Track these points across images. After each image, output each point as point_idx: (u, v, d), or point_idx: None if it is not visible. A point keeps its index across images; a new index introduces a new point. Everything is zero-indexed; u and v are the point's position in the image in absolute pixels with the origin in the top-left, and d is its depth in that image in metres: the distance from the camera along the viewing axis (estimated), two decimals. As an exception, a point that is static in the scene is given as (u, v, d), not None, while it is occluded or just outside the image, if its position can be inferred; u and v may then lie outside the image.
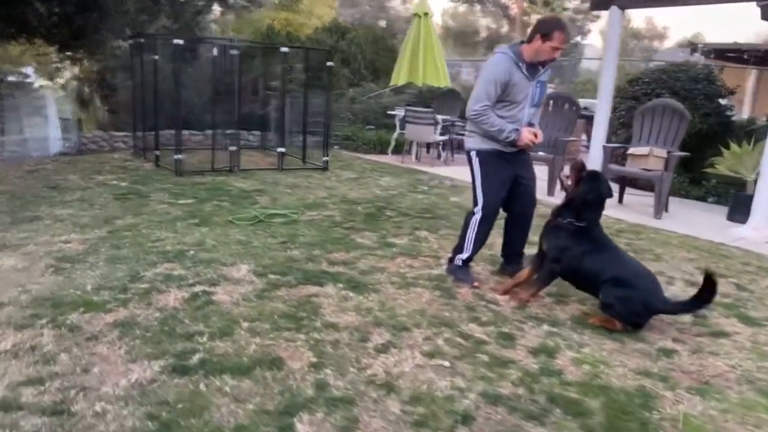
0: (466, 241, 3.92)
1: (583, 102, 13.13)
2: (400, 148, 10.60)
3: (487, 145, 3.83)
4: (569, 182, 3.53)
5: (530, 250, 4.07)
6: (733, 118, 8.78)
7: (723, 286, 4.28)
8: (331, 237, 4.79)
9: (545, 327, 3.32)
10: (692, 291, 3.47)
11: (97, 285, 3.47)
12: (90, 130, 9.60)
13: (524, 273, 3.77)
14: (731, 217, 6.65)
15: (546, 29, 3.58)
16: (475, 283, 3.87)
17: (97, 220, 4.88)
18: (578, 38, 40.62)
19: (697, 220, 6.54)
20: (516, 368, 2.81)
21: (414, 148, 10.06)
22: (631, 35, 47.25)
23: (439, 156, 10.26)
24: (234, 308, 3.26)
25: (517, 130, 3.72)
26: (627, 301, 3.30)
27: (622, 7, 7.80)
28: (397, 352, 2.88)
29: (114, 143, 9.11)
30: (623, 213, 6.50)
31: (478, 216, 3.86)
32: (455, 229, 5.27)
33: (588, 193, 3.45)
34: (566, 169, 3.62)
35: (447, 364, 2.81)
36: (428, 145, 10.32)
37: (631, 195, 7.27)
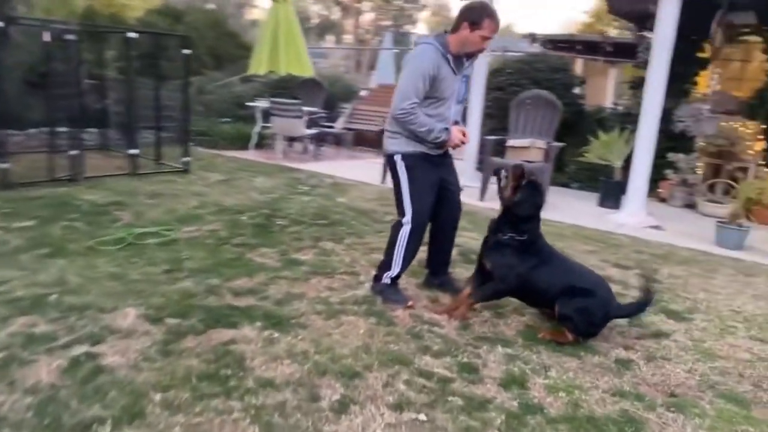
0: (395, 256, 3.50)
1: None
2: (262, 143, 9.87)
3: (413, 148, 3.43)
4: (506, 192, 3.23)
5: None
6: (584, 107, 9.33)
7: (634, 279, 4.35)
8: (224, 259, 4.09)
9: (500, 349, 3.02)
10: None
11: None
12: None
13: (464, 295, 3.45)
14: (602, 204, 6.99)
15: (474, 17, 3.24)
16: (410, 303, 3.47)
17: None
18: (408, 28, 41.98)
19: (575, 208, 6.77)
20: (495, 409, 2.47)
21: (279, 143, 9.38)
22: (450, 25, 49.80)
23: (305, 150, 9.70)
24: (135, 374, 2.51)
25: (447, 129, 3.36)
26: (586, 312, 3.13)
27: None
28: (359, 410, 2.38)
29: None
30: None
31: (407, 228, 3.45)
32: (360, 236, 4.84)
33: (523, 205, 3.19)
34: (502, 173, 3.34)
35: (423, 417, 2.37)
36: (292, 139, 9.71)
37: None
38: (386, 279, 3.55)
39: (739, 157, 6.97)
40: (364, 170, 8.44)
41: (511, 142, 6.80)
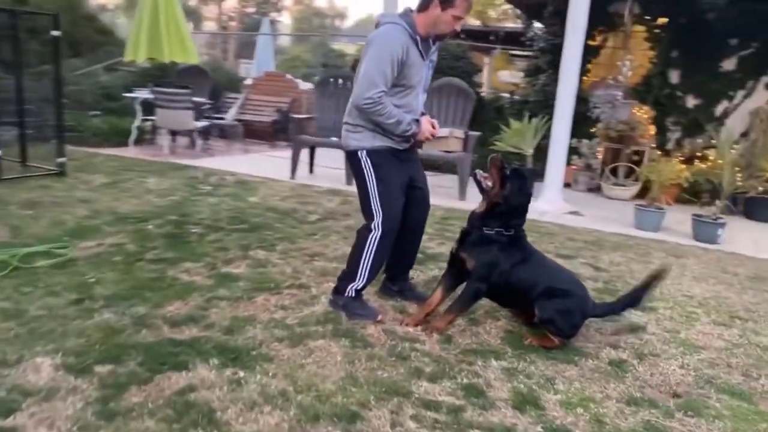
0: (361, 265, 3.07)
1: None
2: (142, 139, 8.86)
3: (379, 143, 3.02)
4: (489, 183, 2.95)
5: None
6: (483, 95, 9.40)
7: (582, 269, 4.28)
8: (143, 279, 3.42)
9: (495, 363, 2.73)
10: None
11: None
12: None
13: (436, 298, 3.12)
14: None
15: None
16: (379, 317, 3.07)
17: None
18: (274, 15, 40.86)
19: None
20: (523, 439, 2.17)
21: (164, 138, 8.44)
22: (314, 14, 49.52)
23: (193, 145, 8.83)
24: (75, 454, 1.90)
25: (417, 121, 3.00)
26: (566, 314, 2.94)
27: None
28: (377, 462, 1.97)
29: None
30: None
31: (377, 233, 3.03)
32: (292, 241, 4.34)
33: (516, 195, 2.93)
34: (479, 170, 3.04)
35: (453, 462, 2.01)
36: (175, 133, 8.79)
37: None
38: (350, 291, 3.12)
39: (637, 141, 7.30)
40: (265, 165, 7.84)
41: (427, 132, 6.56)
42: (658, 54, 8.16)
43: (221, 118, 9.38)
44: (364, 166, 3.03)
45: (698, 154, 7.36)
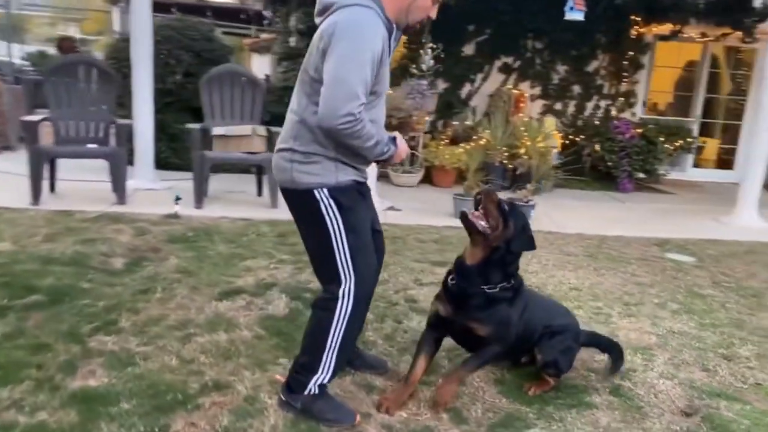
0: (327, 350, 2.20)
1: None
2: None
3: (345, 176, 2.17)
4: (484, 223, 2.33)
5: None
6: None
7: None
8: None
9: (532, 434, 2.26)
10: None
11: None
12: None
13: (419, 370, 2.43)
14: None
15: None
16: (357, 419, 2.26)
17: None
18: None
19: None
20: None
21: None
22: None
23: None
24: None
25: (393, 139, 2.23)
26: (568, 352, 2.65)
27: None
28: None
29: None
30: (246, 209, 5.30)
31: (347, 303, 2.18)
32: (131, 308, 3.10)
33: (521, 239, 2.37)
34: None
35: None
36: None
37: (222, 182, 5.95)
38: (312, 388, 2.24)
39: (414, 128, 7.36)
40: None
41: (219, 131, 5.46)
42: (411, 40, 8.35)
43: None
44: (325, 212, 2.14)
45: (464, 135, 7.78)
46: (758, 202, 6.35)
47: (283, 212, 5.35)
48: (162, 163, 6.55)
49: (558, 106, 9.15)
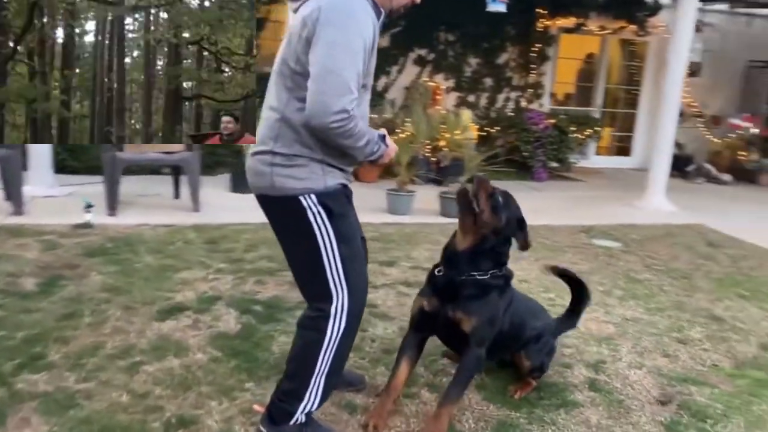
0: (316, 375, 1.98)
1: None
2: None
3: (332, 180, 1.95)
4: (480, 208, 2.20)
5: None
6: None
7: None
8: None
9: (531, 442, 2.17)
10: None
11: None
12: None
13: (401, 377, 2.28)
14: (235, 189, 6.02)
15: None
16: (348, 442, 2.08)
17: None
18: None
19: (228, 201, 5.58)
20: None
21: None
22: None
23: None
24: None
25: (383, 137, 2.04)
26: (551, 352, 2.62)
27: None
28: None
29: None
30: (159, 214, 4.84)
31: (339, 321, 1.97)
32: (59, 339, 2.67)
33: (512, 224, 2.29)
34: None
35: None
36: None
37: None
38: (298, 417, 2.01)
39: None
40: None
41: (131, 130, 4.95)
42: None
43: None
44: (313, 220, 1.92)
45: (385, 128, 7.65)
46: (665, 187, 6.75)
47: (207, 216, 5.09)
48: (60, 166, 5.90)
49: (471, 98, 9.25)
